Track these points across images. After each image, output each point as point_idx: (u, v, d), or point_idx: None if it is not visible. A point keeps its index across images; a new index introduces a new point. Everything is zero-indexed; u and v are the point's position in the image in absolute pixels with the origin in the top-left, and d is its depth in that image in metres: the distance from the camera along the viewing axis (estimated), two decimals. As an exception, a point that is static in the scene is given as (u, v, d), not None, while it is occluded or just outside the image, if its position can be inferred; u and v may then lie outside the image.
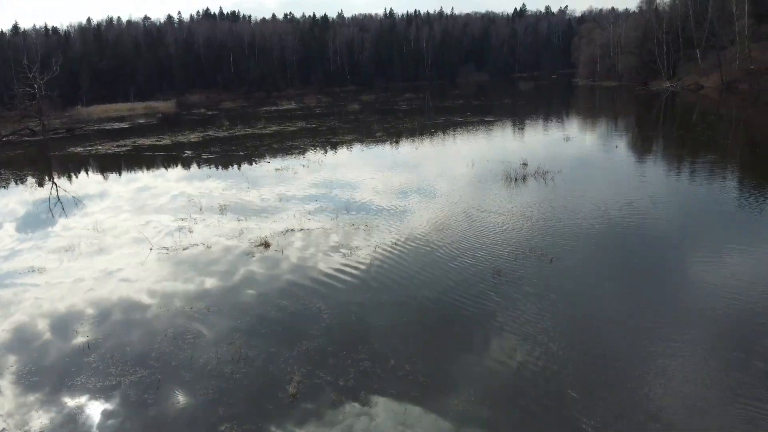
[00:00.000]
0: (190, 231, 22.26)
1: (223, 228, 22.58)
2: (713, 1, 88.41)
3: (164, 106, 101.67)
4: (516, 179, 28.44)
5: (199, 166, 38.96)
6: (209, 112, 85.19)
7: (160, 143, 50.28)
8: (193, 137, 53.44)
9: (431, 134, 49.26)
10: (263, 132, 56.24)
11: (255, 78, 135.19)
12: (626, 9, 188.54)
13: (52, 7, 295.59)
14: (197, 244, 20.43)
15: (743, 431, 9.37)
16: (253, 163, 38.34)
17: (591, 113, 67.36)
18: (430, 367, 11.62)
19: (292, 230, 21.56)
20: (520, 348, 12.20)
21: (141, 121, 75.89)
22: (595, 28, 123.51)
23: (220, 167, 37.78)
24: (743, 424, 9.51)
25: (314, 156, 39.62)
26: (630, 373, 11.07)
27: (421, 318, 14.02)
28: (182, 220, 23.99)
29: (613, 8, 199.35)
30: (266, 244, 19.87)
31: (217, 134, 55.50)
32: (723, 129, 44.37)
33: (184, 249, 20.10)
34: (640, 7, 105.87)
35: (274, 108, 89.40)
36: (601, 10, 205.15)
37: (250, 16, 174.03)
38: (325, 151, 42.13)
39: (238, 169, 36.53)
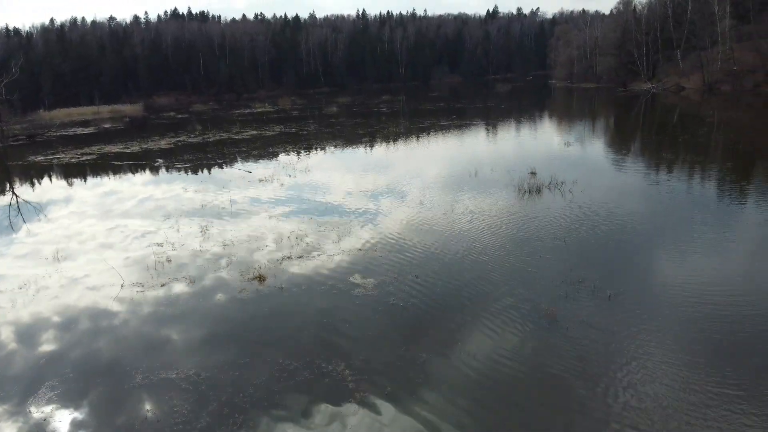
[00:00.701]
0: (168, 261, 18.90)
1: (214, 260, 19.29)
2: (693, 1, 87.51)
3: (131, 109, 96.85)
4: (530, 191, 25.66)
5: (172, 178, 35.25)
6: (179, 116, 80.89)
7: (129, 151, 46.31)
8: (164, 144, 49.55)
9: (421, 139, 46.33)
10: (239, 137, 52.61)
11: (225, 79, 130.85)
12: (597, 11, 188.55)
13: (15, 8, 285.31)
14: (178, 281, 17.19)
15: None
16: (230, 169, 34.87)
17: (580, 116, 65.28)
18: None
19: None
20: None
21: (107, 125, 71.23)
22: (572, 30, 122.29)
23: (195, 181, 34.13)
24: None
25: (299, 164, 36.28)
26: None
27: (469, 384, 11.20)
28: (158, 245, 20.60)
29: (584, 10, 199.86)
30: (261, 278, 16.74)
31: (189, 140, 51.65)
32: (727, 134, 42.29)
33: (162, 285, 16.91)
34: (617, 8, 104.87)
35: (247, 111, 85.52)
36: (572, 12, 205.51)
37: (219, 17, 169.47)
38: (310, 158, 38.82)
39: (217, 182, 33.01)
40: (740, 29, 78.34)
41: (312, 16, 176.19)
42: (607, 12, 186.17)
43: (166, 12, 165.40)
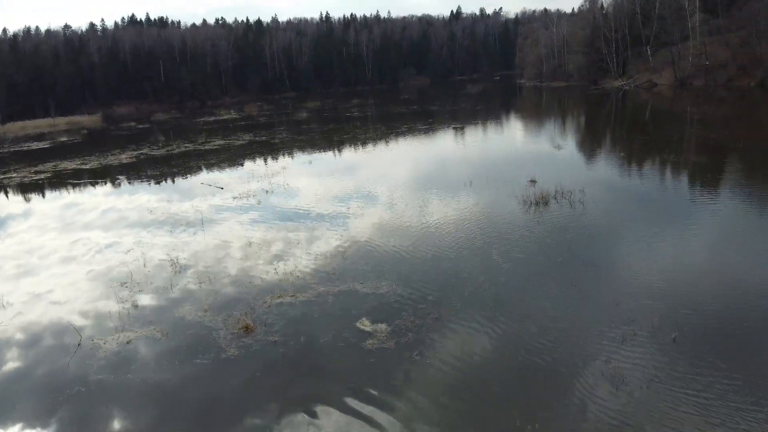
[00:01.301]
0: (136, 307, 15.82)
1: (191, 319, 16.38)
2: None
3: (89, 120, 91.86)
4: (536, 203, 23.16)
5: (133, 199, 31.80)
6: (140, 126, 76.65)
7: (87, 167, 42.55)
8: (125, 158, 45.81)
9: (402, 146, 43.63)
10: (206, 148, 49.20)
11: (187, 86, 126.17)
12: (558, 9, 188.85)
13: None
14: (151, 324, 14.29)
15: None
16: (199, 185, 31.60)
17: (560, 116, 63.44)
18: None
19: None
20: None
21: (63, 139, 66.63)
22: (538, 29, 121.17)
23: (161, 201, 30.77)
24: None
25: (276, 177, 33.19)
26: None
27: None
28: (122, 285, 17.50)
29: (546, 9, 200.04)
30: (248, 327, 13.83)
31: (152, 153, 48.00)
32: (717, 132, 40.58)
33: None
34: (584, 6, 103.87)
35: (212, 118, 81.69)
36: (534, 11, 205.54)
37: (179, 22, 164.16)
38: (287, 170, 35.74)
39: (184, 196, 29.74)
40: (710, 24, 77.73)
41: (275, 20, 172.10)
42: (568, 11, 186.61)
43: (123, 18, 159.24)
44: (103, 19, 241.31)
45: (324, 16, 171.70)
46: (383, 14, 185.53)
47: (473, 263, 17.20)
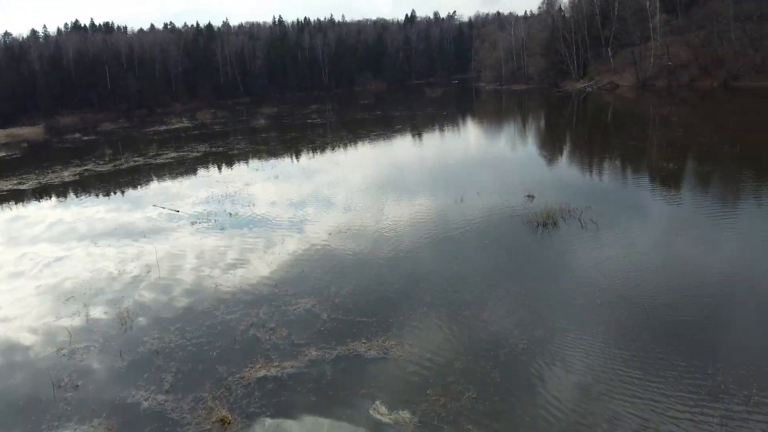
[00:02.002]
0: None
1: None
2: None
3: (31, 132, 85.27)
4: (544, 224, 20.23)
5: (72, 230, 27.64)
6: (85, 137, 70.98)
7: (24, 187, 37.79)
8: (68, 175, 41.08)
9: (376, 157, 40.37)
10: (158, 161, 44.87)
11: (135, 94, 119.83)
12: (511, 12, 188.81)
13: None
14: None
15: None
16: (151, 206, 27.63)
17: (529, 121, 61.25)
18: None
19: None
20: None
21: (1, 153, 60.87)
22: (495, 32, 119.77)
23: (104, 233, 26.72)
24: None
25: (239, 195, 29.51)
26: None
27: None
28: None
29: (498, 13, 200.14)
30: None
31: (98, 168, 43.35)
32: (685, 133, 38.71)
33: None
34: (541, 8, 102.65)
35: (163, 127, 76.59)
36: (487, 14, 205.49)
37: (125, 27, 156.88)
38: (252, 188, 32.00)
39: (132, 232, 25.78)
40: (671, 24, 77.09)
41: (226, 24, 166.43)
42: (521, 14, 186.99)
43: (66, 24, 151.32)
44: (45, 26, 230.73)
45: (277, 19, 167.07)
46: (337, 18, 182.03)
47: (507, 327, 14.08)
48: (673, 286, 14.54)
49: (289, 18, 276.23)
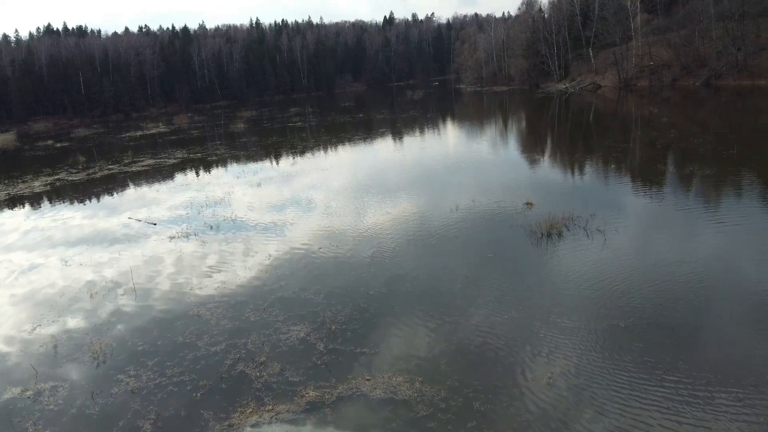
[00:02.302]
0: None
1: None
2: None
3: (2, 139, 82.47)
4: (548, 234, 18.94)
5: (36, 245, 25.80)
6: (58, 144, 68.49)
7: (-11, 198, 35.76)
8: (38, 185, 38.99)
9: (361, 161, 38.90)
10: (134, 169, 42.92)
11: (111, 98, 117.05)
12: (488, 14, 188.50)
13: None
14: None
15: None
16: (126, 219, 25.87)
17: (516, 123, 60.21)
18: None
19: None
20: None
21: (-31, 161, 58.38)
22: (475, 33, 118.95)
23: (78, 243, 24.92)
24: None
25: (220, 206, 27.84)
26: None
27: None
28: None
29: (476, 14, 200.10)
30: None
31: (70, 177, 41.29)
32: (693, 135, 37.82)
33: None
34: (521, 9, 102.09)
35: (139, 133, 74.31)
36: (465, 16, 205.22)
37: (99, 31, 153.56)
38: (232, 196, 30.33)
39: (101, 239, 24.01)
40: (652, 24, 76.74)
41: (202, 27, 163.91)
42: (499, 15, 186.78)
43: (38, 29, 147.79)
44: (17, 30, 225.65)
45: (254, 22, 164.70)
46: (315, 20, 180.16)
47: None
48: (701, 306, 13.32)
49: (266, 20, 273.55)
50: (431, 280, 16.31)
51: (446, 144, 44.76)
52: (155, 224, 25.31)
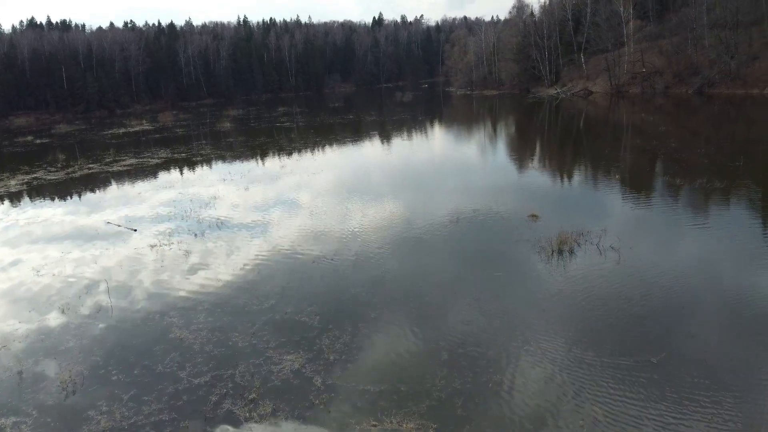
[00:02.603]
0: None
1: None
2: (593, 3, 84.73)
3: (-21, 133, 79.88)
4: (558, 251, 17.69)
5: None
6: (38, 141, 66.24)
7: (-40, 197, 33.80)
8: (14, 184, 37.04)
9: (354, 165, 37.38)
10: (115, 169, 41.13)
11: (94, 94, 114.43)
12: (477, 18, 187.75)
13: None
14: None
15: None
16: (104, 224, 24.22)
17: (510, 128, 59.12)
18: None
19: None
20: None
21: (-58, 157, 55.99)
22: (466, 36, 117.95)
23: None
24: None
25: (206, 211, 26.25)
26: None
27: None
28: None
29: (465, 17, 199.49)
30: None
31: (48, 176, 39.39)
32: (697, 146, 36.87)
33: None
34: (512, 13, 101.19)
35: (122, 130, 72.20)
36: (454, 19, 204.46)
37: (84, 25, 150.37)
38: (218, 201, 28.74)
39: (81, 237, 22.34)
40: (645, 30, 76.06)
41: (189, 24, 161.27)
42: (488, 19, 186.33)
43: (21, 22, 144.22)
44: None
45: (242, 19, 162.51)
46: (304, 19, 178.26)
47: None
48: (744, 339, 12.10)
49: (254, 18, 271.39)
50: (440, 305, 14.94)
51: (439, 149, 43.50)
52: (135, 230, 23.71)
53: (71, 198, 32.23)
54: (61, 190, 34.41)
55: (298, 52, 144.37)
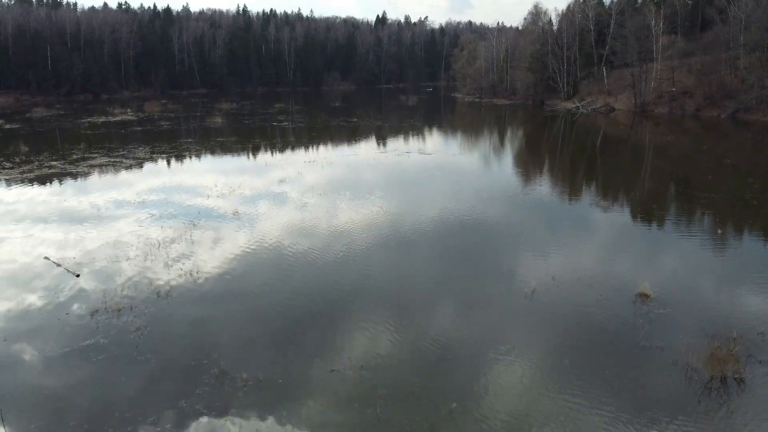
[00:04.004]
0: None
1: None
2: (617, 15, 78.54)
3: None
4: (721, 378, 11.09)
5: None
6: (8, 126, 58.65)
7: None
8: (-53, 183, 29.99)
9: (380, 193, 29.57)
10: (80, 169, 34.06)
11: (80, 77, 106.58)
12: (482, 23, 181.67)
13: None
14: None
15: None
16: (31, 260, 17.33)
17: (546, 148, 52.50)
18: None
19: None
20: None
21: None
22: (477, 40, 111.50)
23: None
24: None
25: (186, 261, 19.30)
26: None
27: None
28: None
29: (470, 22, 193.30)
30: None
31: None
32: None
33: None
34: (527, 19, 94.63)
35: (102, 119, 64.78)
36: (458, 23, 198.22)
37: (75, 4, 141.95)
38: (195, 227, 21.79)
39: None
40: (676, 46, 69.80)
41: (186, 9, 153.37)
42: (492, 23, 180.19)
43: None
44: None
45: (241, 8, 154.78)
46: (305, 12, 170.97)
47: None
48: None
49: (254, 8, 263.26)
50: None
51: (476, 172, 36.03)
52: (78, 275, 16.79)
53: (10, 209, 25.12)
54: (4, 198, 27.32)
55: (297, 46, 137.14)
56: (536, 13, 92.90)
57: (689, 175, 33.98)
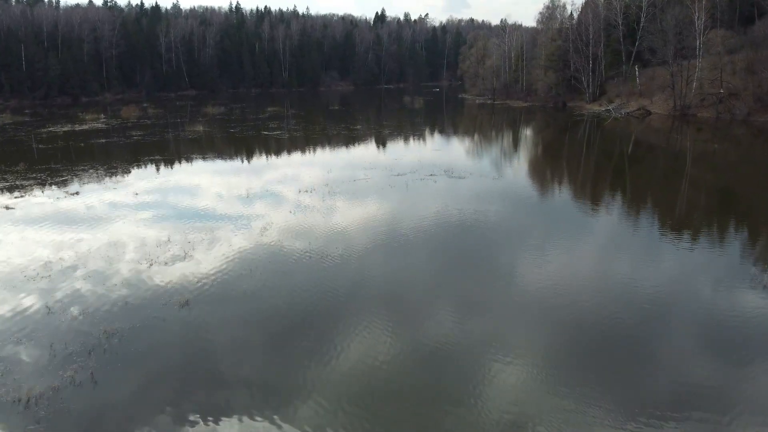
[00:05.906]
0: None
1: None
2: (649, 7, 69.34)
3: None
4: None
5: None
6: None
7: None
8: None
9: (407, 238, 20.56)
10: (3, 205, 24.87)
11: (56, 78, 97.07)
12: (484, 21, 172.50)
13: None
14: None
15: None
16: None
17: (579, 155, 43.27)
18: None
19: None
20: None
21: None
22: (487, 37, 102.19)
23: None
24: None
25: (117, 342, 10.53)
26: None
27: None
28: None
29: (472, 19, 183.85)
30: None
31: None
32: None
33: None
34: (543, 13, 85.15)
35: (67, 128, 55.33)
36: (460, 20, 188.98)
37: (58, 2, 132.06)
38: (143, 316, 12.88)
39: None
40: (726, 43, 60.59)
41: (175, 6, 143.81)
42: (494, 21, 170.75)
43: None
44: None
45: (234, 5, 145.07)
46: (301, 9, 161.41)
47: None
48: None
49: (248, 5, 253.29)
50: None
51: (543, 212, 27.05)
52: None
53: None
54: None
55: (293, 45, 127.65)
56: (552, 7, 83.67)
57: (732, 187, 25.01)
